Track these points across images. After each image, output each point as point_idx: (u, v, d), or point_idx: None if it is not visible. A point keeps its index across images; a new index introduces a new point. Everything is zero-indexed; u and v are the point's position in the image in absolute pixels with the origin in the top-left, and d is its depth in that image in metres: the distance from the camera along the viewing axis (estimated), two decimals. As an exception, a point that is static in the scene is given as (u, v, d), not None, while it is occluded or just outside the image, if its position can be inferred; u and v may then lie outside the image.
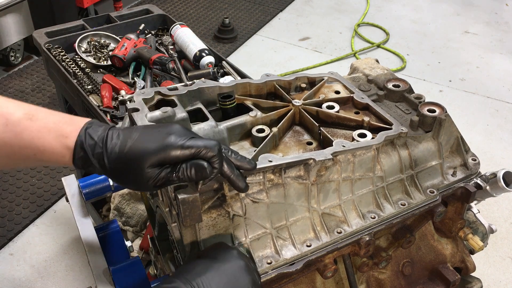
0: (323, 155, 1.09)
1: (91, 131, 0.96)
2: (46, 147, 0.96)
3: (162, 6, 4.63)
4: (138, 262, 1.24)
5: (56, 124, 0.97)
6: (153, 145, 0.93)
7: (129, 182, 0.97)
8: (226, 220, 1.05)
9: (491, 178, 1.33)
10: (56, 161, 0.98)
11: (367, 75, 1.45)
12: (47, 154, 0.97)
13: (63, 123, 0.98)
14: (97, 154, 0.95)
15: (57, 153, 0.97)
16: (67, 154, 0.97)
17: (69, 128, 0.97)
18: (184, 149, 0.93)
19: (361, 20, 4.53)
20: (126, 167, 0.94)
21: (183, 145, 0.93)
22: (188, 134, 0.95)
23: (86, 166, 0.98)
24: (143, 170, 0.92)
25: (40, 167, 2.92)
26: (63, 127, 0.97)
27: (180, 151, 0.93)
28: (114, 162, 0.94)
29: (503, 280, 2.37)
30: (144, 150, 0.93)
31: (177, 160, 0.93)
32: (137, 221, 2.22)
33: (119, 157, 0.94)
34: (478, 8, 4.84)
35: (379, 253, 1.28)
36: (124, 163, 0.94)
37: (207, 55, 2.16)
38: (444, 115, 1.25)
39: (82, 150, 0.96)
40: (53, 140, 0.96)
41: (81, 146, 0.96)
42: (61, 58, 2.17)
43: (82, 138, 0.95)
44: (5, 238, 2.52)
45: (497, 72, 3.93)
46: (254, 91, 1.33)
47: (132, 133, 0.96)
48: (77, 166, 0.98)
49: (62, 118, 0.99)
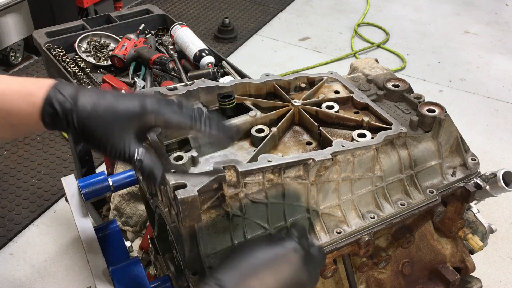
0: (322, 155, 1.09)
1: (61, 87, 0.94)
2: (13, 107, 0.94)
3: (162, 6, 4.63)
4: (138, 262, 1.24)
5: (21, 84, 0.96)
6: (129, 106, 0.93)
7: (95, 143, 0.95)
8: (225, 220, 1.05)
9: (491, 178, 1.32)
10: (25, 122, 0.96)
11: (367, 75, 1.45)
12: (14, 115, 0.95)
13: (28, 83, 0.96)
14: (66, 110, 0.92)
15: (24, 112, 0.94)
16: (35, 112, 0.94)
17: (34, 87, 0.95)
18: (161, 113, 0.93)
19: (361, 20, 4.53)
20: (96, 127, 0.92)
21: (159, 110, 0.93)
22: (162, 102, 0.95)
23: (54, 124, 0.95)
24: (114, 132, 0.92)
25: (40, 167, 2.92)
26: (28, 86, 0.96)
27: (155, 119, 0.93)
28: (84, 120, 0.92)
29: (503, 280, 2.37)
30: (120, 110, 0.92)
31: (150, 126, 0.94)
32: (136, 221, 2.22)
33: (91, 116, 0.92)
34: (478, 8, 4.84)
35: (378, 253, 1.28)
36: (95, 123, 0.92)
37: (207, 55, 2.16)
38: (444, 115, 1.25)
39: (50, 107, 0.93)
40: (19, 100, 0.94)
41: (50, 103, 0.93)
42: (61, 58, 2.17)
43: (52, 94, 0.93)
44: (5, 238, 2.53)
45: (497, 72, 3.93)
46: (254, 91, 1.33)
47: (106, 94, 0.95)
48: (46, 124, 0.95)
49: (26, 79, 0.97)
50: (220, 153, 1.16)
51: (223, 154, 1.16)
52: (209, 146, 1.16)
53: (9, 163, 2.97)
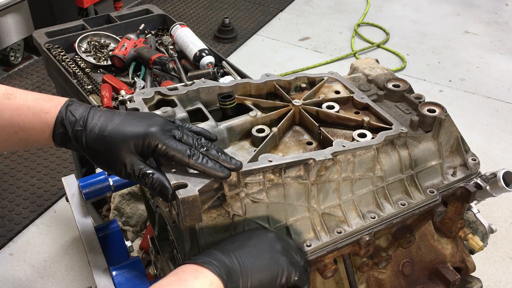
0: (323, 155, 1.09)
1: (73, 108, 0.98)
2: (26, 123, 0.97)
3: (162, 6, 4.63)
4: (138, 262, 1.24)
5: (35, 101, 0.99)
6: (133, 132, 0.95)
7: (103, 164, 0.99)
8: (226, 220, 1.05)
9: (491, 178, 1.33)
10: (36, 139, 0.99)
11: (367, 75, 1.45)
12: (27, 131, 0.98)
13: (42, 100, 0.99)
14: (76, 132, 0.96)
15: (37, 129, 0.98)
16: (47, 130, 0.98)
17: (48, 105, 0.98)
18: (162, 144, 0.95)
19: (361, 20, 4.53)
20: (103, 149, 0.96)
21: (161, 140, 0.95)
22: (168, 126, 0.98)
23: (64, 143, 0.99)
24: (119, 155, 0.94)
25: (40, 167, 2.92)
26: (42, 103, 0.99)
27: (159, 145, 0.95)
28: (92, 142, 0.96)
29: (503, 280, 2.37)
30: (124, 135, 0.95)
31: (153, 151, 0.96)
32: (137, 221, 2.22)
33: (98, 138, 0.96)
34: (478, 8, 4.84)
35: (379, 253, 1.28)
36: (102, 145, 0.96)
37: (207, 55, 2.16)
38: (444, 115, 1.25)
39: (62, 126, 0.97)
40: (32, 116, 0.97)
41: (61, 122, 0.97)
42: (61, 58, 2.17)
43: (63, 114, 0.97)
44: (5, 238, 2.52)
45: (497, 72, 3.92)
46: (254, 91, 1.33)
47: (114, 116, 0.98)
48: (56, 142, 0.99)
49: (40, 96, 1.00)
50: (221, 153, 1.16)
51: (223, 154, 1.16)
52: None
53: (9, 163, 2.96)
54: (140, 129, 0.96)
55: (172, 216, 1.09)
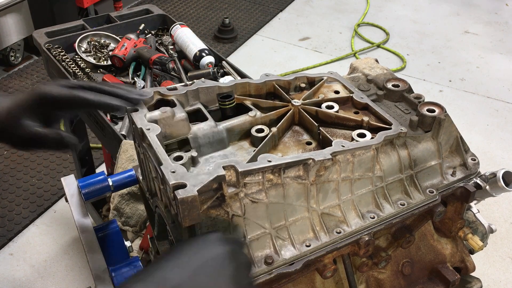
0: (322, 155, 1.09)
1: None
2: None
3: (162, 6, 4.63)
4: (138, 262, 1.24)
5: None
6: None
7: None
8: (225, 220, 1.05)
9: (491, 178, 1.32)
10: None
11: (367, 75, 1.45)
12: None
13: None
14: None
15: None
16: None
17: None
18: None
19: (361, 20, 4.53)
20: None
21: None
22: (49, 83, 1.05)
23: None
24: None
25: (40, 167, 2.92)
26: None
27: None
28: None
29: (503, 280, 2.37)
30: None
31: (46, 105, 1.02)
32: (136, 221, 2.22)
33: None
34: (478, 8, 4.84)
35: (378, 253, 1.28)
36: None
37: (207, 55, 2.16)
38: (444, 115, 1.25)
39: None
40: None
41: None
42: (61, 58, 2.17)
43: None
44: (5, 238, 2.53)
45: (497, 72, 3.93)
46: (254, 91, 1.33)
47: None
48: None
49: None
50: (220, 153, 1.16)
51: (223, 154, 1.16)
52: (209, 146, 1.16)
53: (9, 163, 2.97)
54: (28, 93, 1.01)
55: (171, 216, 1.09)
